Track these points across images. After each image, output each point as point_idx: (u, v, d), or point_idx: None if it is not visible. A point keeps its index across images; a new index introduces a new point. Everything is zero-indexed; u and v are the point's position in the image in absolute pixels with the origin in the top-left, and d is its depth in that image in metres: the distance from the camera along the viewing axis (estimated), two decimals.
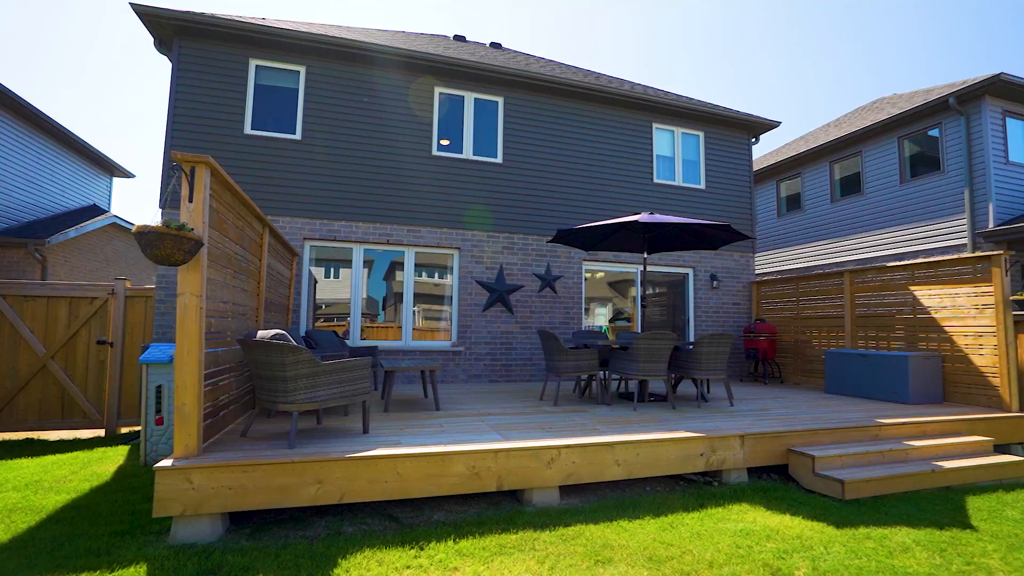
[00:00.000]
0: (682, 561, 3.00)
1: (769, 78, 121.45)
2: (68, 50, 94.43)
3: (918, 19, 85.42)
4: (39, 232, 10.33)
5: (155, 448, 5.01)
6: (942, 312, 6.96)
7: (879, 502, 4.12)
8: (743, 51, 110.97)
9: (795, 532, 3.46)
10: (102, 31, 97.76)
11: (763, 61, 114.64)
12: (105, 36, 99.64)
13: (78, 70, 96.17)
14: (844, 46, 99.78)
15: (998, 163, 9.31)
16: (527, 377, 8.52)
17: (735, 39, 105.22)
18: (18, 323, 6.70)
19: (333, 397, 3.89)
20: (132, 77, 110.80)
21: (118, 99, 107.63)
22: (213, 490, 3.18)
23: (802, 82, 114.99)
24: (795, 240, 13.44)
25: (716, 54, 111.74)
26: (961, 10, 77.96)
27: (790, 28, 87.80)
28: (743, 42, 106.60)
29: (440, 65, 8.35)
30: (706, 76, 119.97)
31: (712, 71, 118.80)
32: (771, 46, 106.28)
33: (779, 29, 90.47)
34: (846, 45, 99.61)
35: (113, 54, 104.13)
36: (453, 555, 3.03)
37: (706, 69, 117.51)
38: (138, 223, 3.10)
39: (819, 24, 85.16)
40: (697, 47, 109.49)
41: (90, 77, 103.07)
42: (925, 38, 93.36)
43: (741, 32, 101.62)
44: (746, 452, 4.53)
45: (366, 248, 8.09)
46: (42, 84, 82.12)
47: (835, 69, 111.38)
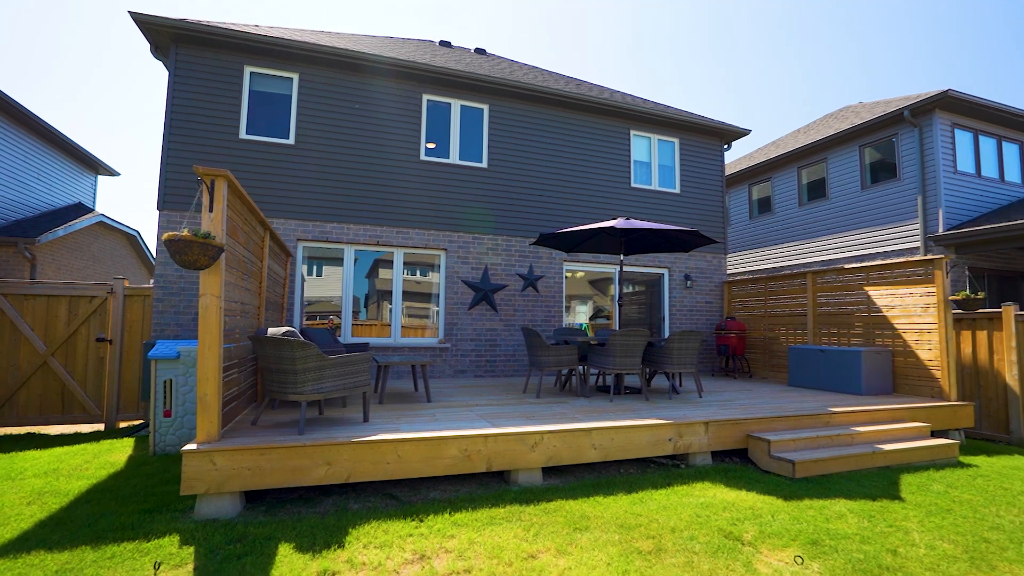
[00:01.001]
0: (648, 528, 3.47)
1: (746, 82, 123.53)
2: (47, 46, 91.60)
3: (884, 31, 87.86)
4: (28, 231, 10.42)
5: (163, 439, 5.33)
6: (893, 311, 7.59)
7: (825, 480, 4.65)
8: (723, 55, 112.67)
9: (748, 504, 3.96)
10: (83, 28, 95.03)
11: (740, 66, 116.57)
12: (87, 33, 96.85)
13: (60, 67, 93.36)
14: (818, 54, 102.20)
15: (947, 172, 10.03)
16: (511, 372, 8.96)
17: (712, 44, 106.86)
18: (19, 321, 6.91)
19: (337, 388, 4.27)
20: (117, 75, 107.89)
21: (101, 97, 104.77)
22: (234, 471, 3.56)
23: (778, 87, 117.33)
24: (766, 241, 14.11)
25: (696, 58, 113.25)
26: (924, 26, 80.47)
27: (767, 35, 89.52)
28: (721, 46, 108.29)
29: (428, 74, 8.71)
30: (686, 80, 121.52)
31: (692, 75, 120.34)
32: (747, 51, 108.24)
33: (756, 36, 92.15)
34: (819, 53, 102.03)
35: (96, 52, 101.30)
36: (449, 525, 3.45)
37: (685, 73, 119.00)
38: (167, 232, 3.44)
39: (796, 31, 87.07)
40: (678, 51, 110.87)
41: (72, 74, 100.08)
42: (889, 50, 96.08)
43: (719, 37, 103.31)
44: (710, 437, 5.04)
45: (357, 249, 8.43)
46: (19, 76, 79.70)
47: (808, 76, 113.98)
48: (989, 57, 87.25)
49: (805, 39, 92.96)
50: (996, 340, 7.10)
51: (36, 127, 11.51)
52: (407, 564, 2.94)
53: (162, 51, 7.93)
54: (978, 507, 4.06)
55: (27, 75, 79.02)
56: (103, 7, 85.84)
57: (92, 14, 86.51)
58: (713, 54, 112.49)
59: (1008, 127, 10.92)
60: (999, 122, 10.76)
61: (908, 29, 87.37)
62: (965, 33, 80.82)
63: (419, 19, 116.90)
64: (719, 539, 3.32)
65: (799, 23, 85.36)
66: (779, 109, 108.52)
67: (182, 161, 7.55)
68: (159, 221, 7.54)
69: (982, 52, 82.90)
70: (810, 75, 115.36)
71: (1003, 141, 10.85)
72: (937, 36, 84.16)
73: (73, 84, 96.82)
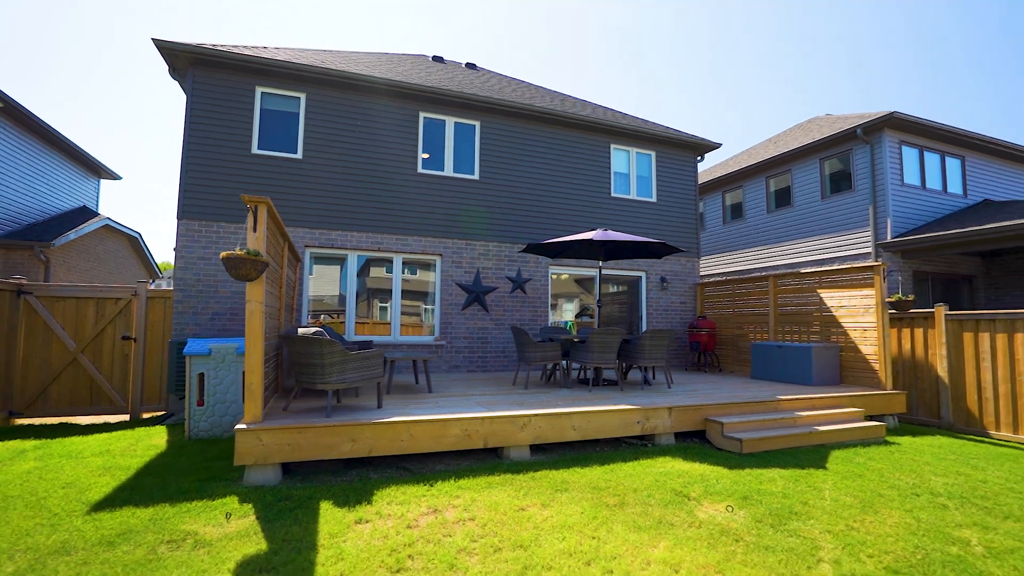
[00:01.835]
0: (615, 489, 4.30)
1: (728, 90, 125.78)
2: (49, 50, 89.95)
3: (849, 49, 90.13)
4: (42, 235, 10.98)
5: (197, 425, 6.05)
6: (840, 311, 8.55)
7: (767, 455, 5.54)
8: (706, 65, 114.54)
9: (699, 473, 4.82)
10: (87, 30, 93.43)
11: (724, 74, 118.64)
12: (89, 37, 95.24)
13: (61, 67, 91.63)
14: (791, 66, 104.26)
15: (895, 185, 11.05)
16: (501, 367, 9.76)
17: (693, 56, 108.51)
18: (51, 321, 7.55)
19: (357, 379, 5.05)
20: (116, 75, 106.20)
21: (100, 98, 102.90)
22: (276, 446, 4.32)
23: (756, 95, 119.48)
24: (739, 245, 15.08)
25: (680, 67, 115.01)
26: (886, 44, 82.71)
27: (748, 47, 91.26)
28: (703, 57, 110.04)
29: (424, 93, 9.46)
30: (673, 86, 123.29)
31: (681, 80, 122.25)
32: (729, 61, 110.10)
33: (735, 49, 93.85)
34: (794, 64, 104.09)
35: (95, 56, 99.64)
36: (455, 489, 4.25)
37: (670, 80, 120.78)
38: (225, 251, 4.18)
39: (781, 41, 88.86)
40: (664, 59, 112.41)
41: (75, 78, 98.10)
42: (854, 67, 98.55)
43: (700, 50, 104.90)
44: (673, 420, 5.90)
45: (359, 254, 9.17)
46: (19, 76, 78.42)
47: (780, 86, 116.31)
48: (961, 77, 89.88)
49: (783, 53, 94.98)
50: (930, 337, 8.08)
51: (46, 134, 12.02)
52: (423, 515, 3.73)
53: (179, 73, 8.58)
54: (885, 473, 4.97)
55: (26, 76, 77.79)
56: (103, 7, 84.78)
57: (91, 14, 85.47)
58: (697, 64, 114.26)
59: (952, 144, 11.99)
60: (943, 139, 11.83)
61: (874, 49, 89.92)
62: (945, 56, 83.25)
63: (411, 30, 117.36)
64: (671, 496, 4.17)
65: (779, 35, 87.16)
66: (757, 115, 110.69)
67: (199, 174, 8.22)
68: (178, 229, 8.21)
69: (954, 71, 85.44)
70: (785, 84, 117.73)
71: (947, 156, 11.92)
72: (904, 56, 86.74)
73: (73, 85, 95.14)
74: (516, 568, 2.94)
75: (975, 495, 4.40)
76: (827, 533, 3.51)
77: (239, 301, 8.29)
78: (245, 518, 3.59)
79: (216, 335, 8.12)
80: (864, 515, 3.86)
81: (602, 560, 3.05)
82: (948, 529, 3.64)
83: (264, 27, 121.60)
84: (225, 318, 8.24)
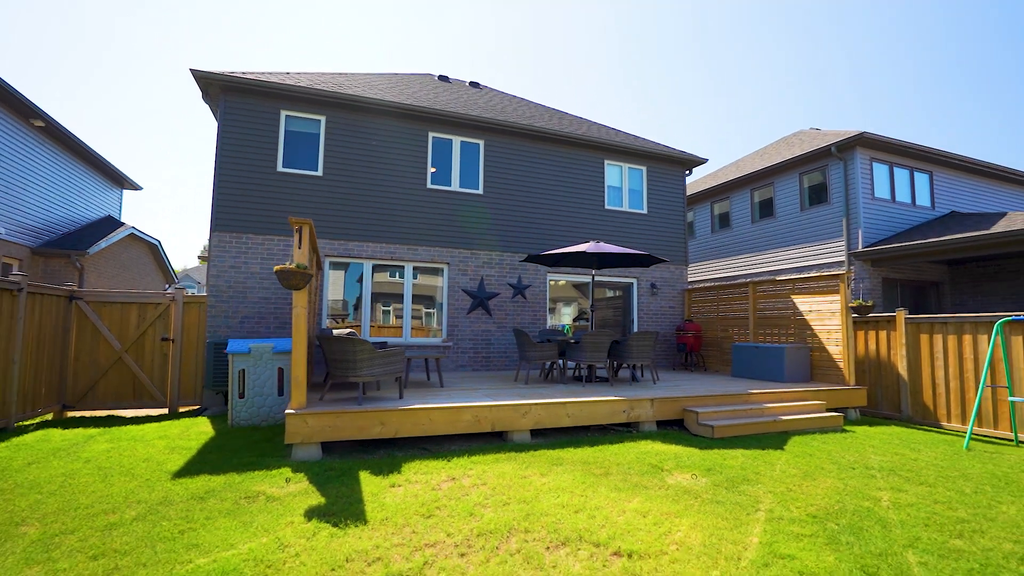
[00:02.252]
0: (602, 463, 5.16)
1: (725, 100, 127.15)
2: (50, 48, 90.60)
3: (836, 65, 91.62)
4: (77, 243, 11.82)
5: (238, 415, 6.90)
6: (811, 315, 9.43)
7: (735, 439, 6.40)
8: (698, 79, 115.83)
9: (674, 452, 5.69)
10: (85, 26, 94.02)
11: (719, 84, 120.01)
12: (88, 34, 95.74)
13: (63, 69, 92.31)
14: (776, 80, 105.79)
15: (866, 199, 11.96)
16: (503, 367, 10.62)
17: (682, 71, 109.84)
18: (99, 324, 8.39)
19: (383, 373, 5.91)
20: (117, 75, 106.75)
21: (101, 100, 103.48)
22: (319, 428, 5.17)
23: (750, 111, 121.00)
24: (726, 253, 15.98)
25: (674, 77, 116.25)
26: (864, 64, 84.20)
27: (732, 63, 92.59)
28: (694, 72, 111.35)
29: (433, 115, 10.35)
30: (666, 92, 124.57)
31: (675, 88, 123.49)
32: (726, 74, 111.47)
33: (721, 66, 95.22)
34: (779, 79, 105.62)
35: (96, 52, 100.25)
36: (468, 463, 5.11)
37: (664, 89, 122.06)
38: (278, 265, 5.04)
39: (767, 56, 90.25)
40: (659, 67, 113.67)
41: (75, 75, 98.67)
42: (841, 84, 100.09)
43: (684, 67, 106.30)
44: (654, 410, 6.77)
45: (374, 263, 10.03)
46: (22, 71, 79.06)
47: (769, 101, 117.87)
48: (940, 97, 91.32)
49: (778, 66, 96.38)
50: (892, 338, 8.95)
51: (78, 149, 12.87)
52: (444, 482, 4.58)
53: (211, 98, 9.47)
54: (832, 453, 5.84)
55: (28, 73, 78.58)
56: (102, 9, 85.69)
57: (91, 14, 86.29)
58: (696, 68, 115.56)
59: (921, 160, 12.91)
60: (912, 156, 12.75)
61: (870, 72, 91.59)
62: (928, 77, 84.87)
63: (414, 45, 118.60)
64: (647, 468, 5.03)
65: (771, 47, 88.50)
66: (755, 119, 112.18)
67: (231, 190, 9.09)
68: (211, 240, 9.07)
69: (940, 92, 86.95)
70: (772, 99, 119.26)
71: (915, 172, 12.84)
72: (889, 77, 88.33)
73: (72, 83, 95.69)
74: (521, 514, 3.80)
75: (902, 469, 5.28)
76: (769, 493, 4.37)
77: (266, 306, 9.14)
78: (300, 483, 4.44)
79: (245, 336, 8.97)
80: (803, 481, 4.73)
81: (588, 510, 3.91)
82: (868, 491, 4.51)
83: (267, 36, 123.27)
84: (253, 321, 9.09)
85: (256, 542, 3.24)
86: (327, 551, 3.13)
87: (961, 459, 5.80)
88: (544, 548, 3.25)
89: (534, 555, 3.15)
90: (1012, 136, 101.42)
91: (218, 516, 3.66)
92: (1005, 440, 7.00)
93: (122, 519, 3.58)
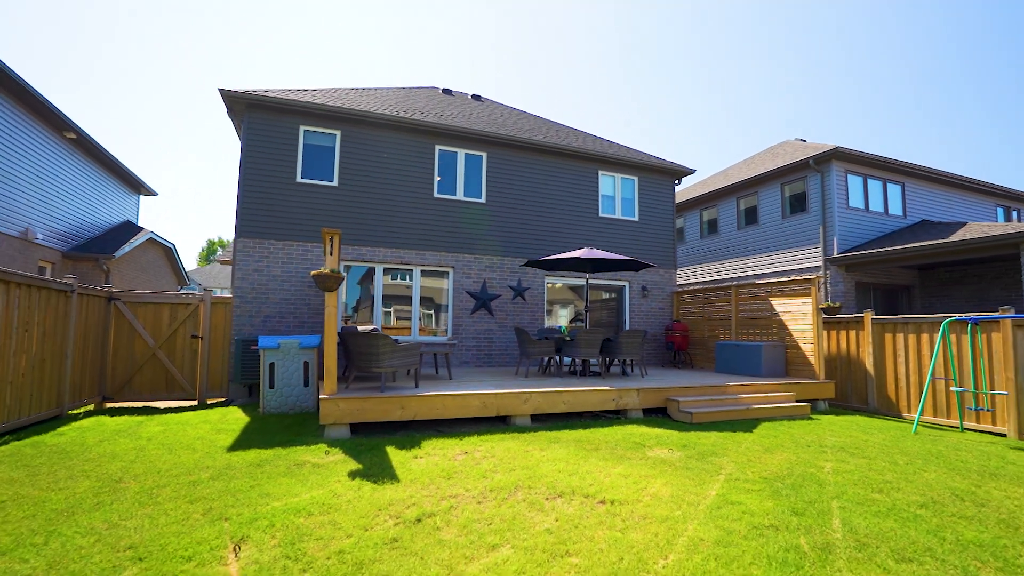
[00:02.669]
0: (593, 441, 5.99)
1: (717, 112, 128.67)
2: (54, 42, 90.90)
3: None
4: (103, 248, 12.59)
5: (268, 403, 7.70)
6: (786, 315, 10.29)
7: (711, 424, 7.24)
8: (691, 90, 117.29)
9: (656, 433, 6.52)
10: (87, 25, 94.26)
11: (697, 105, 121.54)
12: (89, 35, 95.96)
13: (65, 64, 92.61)
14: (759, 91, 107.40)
15: (841, 208, 12.86)
16: (504, 363, 11.43)
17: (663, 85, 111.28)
18: (135, 322, 9.17)
19: (401, 364, 6.73)
20: (117, 80, 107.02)
21: (101, 100, 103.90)
22: (349, 410, 5.99)
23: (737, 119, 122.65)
24: (714, 257, 16.87)
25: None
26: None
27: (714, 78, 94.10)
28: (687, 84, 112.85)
29: (439, 129, 11.19)
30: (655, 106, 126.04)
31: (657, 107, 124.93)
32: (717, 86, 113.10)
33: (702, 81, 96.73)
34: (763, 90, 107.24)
35: (95, 52, 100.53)
36: (478, 440, 5.93)
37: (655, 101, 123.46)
38: (315, 270, 5.86)
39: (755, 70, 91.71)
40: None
41: (78, 72, 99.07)
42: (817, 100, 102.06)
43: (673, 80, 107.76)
44: (641, 399, 7.61)
45: (384, 267, 10.85)
46: (25, 63, 79.58)
47: (751, 112, 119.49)
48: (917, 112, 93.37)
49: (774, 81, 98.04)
50: (860, 337, 9.81)
51: (100, 156, 13.64)
52: (458, 455, 5.40)
53: (236, 114, 10.27)
54: (794, 435, 6.69)
55: (29, 70, 79.07)
56: (104, 7, 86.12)
57: (93, 13, 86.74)
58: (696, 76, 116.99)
59: (893, 172, 13.84)
60: (886, 168, 13.67)
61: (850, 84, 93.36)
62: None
63: (417, 49, 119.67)
64: (632, 445, 5.87)
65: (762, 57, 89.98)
66: (743, 134, 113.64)
67: (255, 199, 9.89)
68: (235, 246, 9.87)
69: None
70: (754, 114, 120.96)
71: (888, 183, 13.76)
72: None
73: (74, 81, 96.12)
74: (524, 477, 4.62)
75: (851, 447, 6.13)
76: (732, 463, 5.21)
77: (285, 306, 9.94)
78: (337, 455, 5.25)
79: (267, 334, 9.76)
80: (763, 455, 5.57)
81: (580, 474, 4.74)
82: (816, 462, 5.36)
83: (266, 37, 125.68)
84: (275, 320, 9.89)
85: (314, 492, 4.05)
86: (372, 498, 3.95)
87: (906, 440, 6.66)
88: (544, 498, 4.07)
89: (536, 502, 3.98)
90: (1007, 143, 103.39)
91: (277, 476, 4.48)
92: (952, 427, 7.86)
93: (200, 479, 4.40)
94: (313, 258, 10.16)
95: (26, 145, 10.74)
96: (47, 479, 4.32)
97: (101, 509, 3.66)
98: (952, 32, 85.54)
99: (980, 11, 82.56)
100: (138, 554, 2.98)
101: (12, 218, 10.47)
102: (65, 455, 5.10)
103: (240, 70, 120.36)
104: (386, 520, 3.55)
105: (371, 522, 3.51)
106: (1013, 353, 7.38)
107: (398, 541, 3.22)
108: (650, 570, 2.91)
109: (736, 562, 3.01)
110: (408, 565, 2.93)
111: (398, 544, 3.18)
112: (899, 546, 3.29)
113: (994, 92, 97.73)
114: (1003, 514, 3.93)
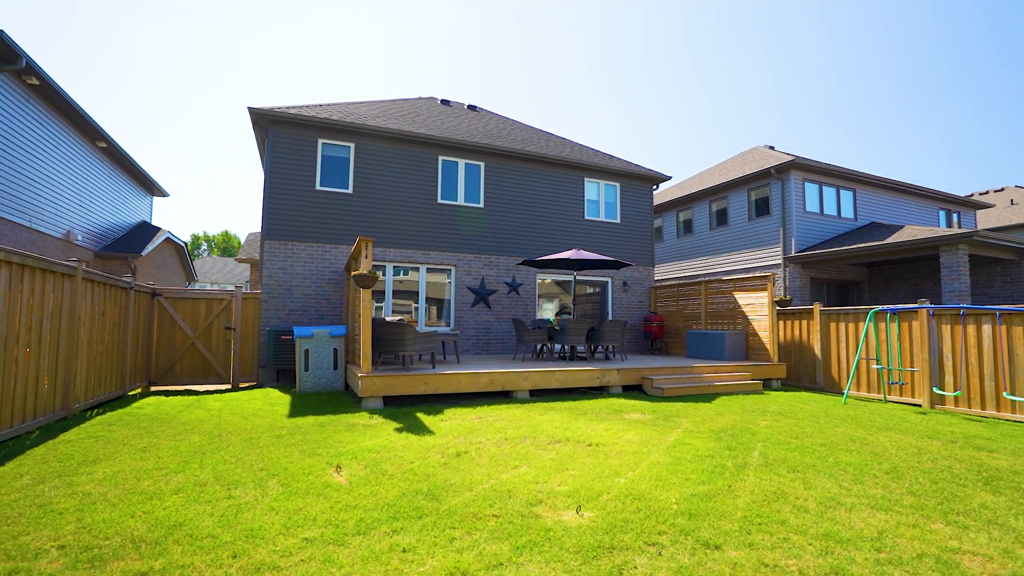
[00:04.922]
0: (580, 409, 7.40)
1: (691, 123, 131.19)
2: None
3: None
4: (129, 247, 13.65)
5: (303, 385, 8.97)
6: (747, 308, 11.82)
7: (678, 397, 8.71)
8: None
9: (632, 403, 7.96)
10: (91, 24, 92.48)
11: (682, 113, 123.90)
12: (95, 34, 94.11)
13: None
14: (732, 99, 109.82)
15: (799, 212, 14.46)
16: (501, 351, 12.81)
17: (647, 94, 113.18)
18: (176, 316, 10.34)
19: (421, 349, 8.06)
20: (122, 74, 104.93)
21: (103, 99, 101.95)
22: (382, 385, 7.32)
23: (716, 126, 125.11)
24: (689, 255, 18.42)
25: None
26: None
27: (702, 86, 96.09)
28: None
29: (443, 142, 12.47)
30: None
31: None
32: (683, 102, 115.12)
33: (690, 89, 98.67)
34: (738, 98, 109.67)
35: (96, 54, 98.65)
36: (489, 409, 7.30)
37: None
38: (355, 271, 7.15)
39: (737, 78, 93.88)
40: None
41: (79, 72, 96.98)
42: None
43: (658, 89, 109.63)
44: (620, 377, 9.05)
45: (394, 265, 12.13)
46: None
47: (723, 118, 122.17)
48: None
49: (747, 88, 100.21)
50: (811, 326, 11.37)
51: (124, 161, 14.63)
52: (475, 418, 6.76)
53: (261, 128, 11.44)
54: (745, 404, 8.18)
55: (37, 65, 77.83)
56: (104, 9, 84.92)
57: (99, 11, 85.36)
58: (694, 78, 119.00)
59: (846, 179, 15.48)
60: (839, 176, 15.31)
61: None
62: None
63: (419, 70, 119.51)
64: (612, 411, 7.30)
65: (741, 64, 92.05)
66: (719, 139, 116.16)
67: (279, 205, 11.09)
68: (262, 248, 11.08)
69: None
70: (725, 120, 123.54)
71: (841, 189, 15.41)
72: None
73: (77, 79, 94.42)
74: (529, 430, 6.00)
75: (787, 412, 7.64)
76: (690, 421, 6.67)
77: (307, 301, 11.18)
78: (379, 419, 6.59)
79: (292, 325, 11.00)
80: (715, 416, 7.05)
81: (572, 429, 6.14)
82: (755, 420, 6.84)
83: (266, 36, 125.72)
84: (298, 313, 11.13)
85: (373, 442, 5.40)
86: (418, 444, 5.31)
87: (835, 408, 8.20)
88: (546, 443, 5.47)
89: (541, 445, 5.37)
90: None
91: (339, 432, 5.81)
92: (878, 400, 9.44)
93: (281, 434, 5.71)
94: (331, 258, 11.41)
95: (67, 155, 11.79)
96: (166, 435, 5.60)
97: (222, 451, 4.97)
98: (944, 40, 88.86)
99: (936, 28, 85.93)
100: (270, 472, 4.30)
101: (57, 222, 11.53)
102: (162, 421, 6.36)
103: (241, 71, 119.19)
104: (435, 455, 4.92)
105: (424, 456, 4.87)
106: (928, 337, 8.97)
107: (448, 464, 4.59)
108: (622, 476, 4.32)
109: (680, 472, 4.44)
110: (461, 473, 4.30)
111: (448, 466, 4.56)
112: (793, 465, 4.76)
113: (945, 111, 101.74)
114: (877, 449, 5.44)
